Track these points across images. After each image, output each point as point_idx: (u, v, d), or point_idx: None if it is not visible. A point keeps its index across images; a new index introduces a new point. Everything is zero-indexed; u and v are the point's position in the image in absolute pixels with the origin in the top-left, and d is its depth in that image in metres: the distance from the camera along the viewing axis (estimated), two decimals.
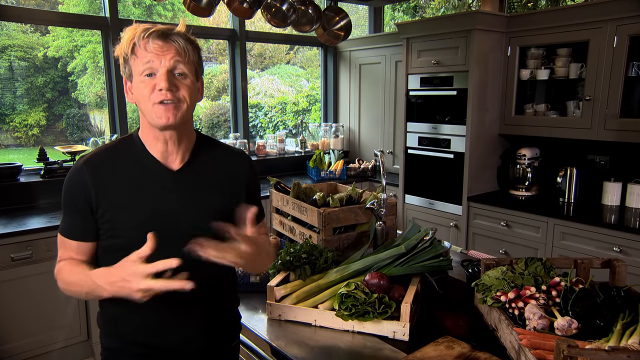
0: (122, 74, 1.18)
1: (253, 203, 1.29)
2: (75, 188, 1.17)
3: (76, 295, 1.19)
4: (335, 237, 1.84)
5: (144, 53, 1.11)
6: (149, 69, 1.11)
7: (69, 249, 1.21)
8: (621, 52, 2.79)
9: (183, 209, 1.19)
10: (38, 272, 2.68)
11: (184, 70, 1.13)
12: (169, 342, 1.22)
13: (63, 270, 1.19)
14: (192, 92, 1.16)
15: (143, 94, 1.12)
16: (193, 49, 1.16)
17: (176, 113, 1.13)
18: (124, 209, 1.15)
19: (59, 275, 1.20)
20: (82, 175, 1.16)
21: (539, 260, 1.46)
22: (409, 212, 3.89)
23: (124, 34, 1.14)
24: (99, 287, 1.09)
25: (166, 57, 1.11)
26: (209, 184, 1.24)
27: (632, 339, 1.11)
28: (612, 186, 3.09)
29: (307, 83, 7.51)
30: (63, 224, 1.22)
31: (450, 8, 7.59)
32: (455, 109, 3.42)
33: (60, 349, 2.83)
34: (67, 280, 1.17)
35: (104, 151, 1.21)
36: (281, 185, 2.22)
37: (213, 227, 1.13)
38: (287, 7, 3.62)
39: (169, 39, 1.12)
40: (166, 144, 1.19)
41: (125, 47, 1.12)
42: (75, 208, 1.18)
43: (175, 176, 1.20)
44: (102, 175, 1.16)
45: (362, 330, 1.42)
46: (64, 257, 1.22)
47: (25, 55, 6.24)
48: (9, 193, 3.10)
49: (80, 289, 1.16)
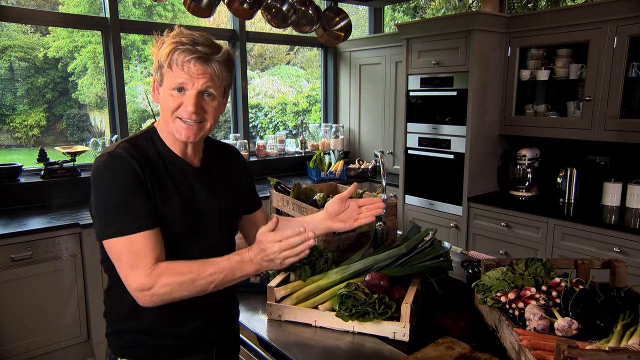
0: (153, 74, 1.18)
1: (252, 189, 1.46)
2: (132, 175, 1.09)
3: (190, 291, 1.08)
4: (335, 238, 1.84)
5: (179, 72, 1.11)
6: (180, 85, 1.12)
7: (149, 248, 1.08)
8: (621, 52, 2.79)
9: (212, 201, 1.24)
10: (38, 273, 2.69)
11: (213, 93, 1.15)
12: (185, 330, 1.24)
13: (167, 271, 1.07)
14: (217, 112, 1.19)
15: (169, 106, 1.14)
16: (227, 73, 1.17)
17: (197, 133, 1.16)
18: (167, 203, 1.14)
19: (161, 278, 1.07)
20: (132, 164, 1.10)
21: (539, 261, 1.46)
22: (409, 213, 3.89)
23: (166, 42, 1.12)
24: (246, 264, 1.09)
25: (200, 82, 1.12)
26: (223, 179, 1.31)
27: (633, 339, 1.11)
28: (612, 187, 3.09)
29: (307, 83, 7.51)
30: (121, 224, 1.07)
31: (451, 9, 7.59)
32: (455, 110, 3.42)
33: (61, 349, 2.83)
34: (186, 277, 1.07)
35: (132, 145, 1.15)
36: (281, 185, 2.22)
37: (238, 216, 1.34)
38: (287, 8, 3.62)
39: (207, 64, 1.12)
40: (185, 147, 1.22)
41: (162, 57, 1.12)
42: (139, 194, 1.09)
43: (197, 173, 1.24)
44: (143, 165, 1.12)
45: (363, 330, 1.42)
46: (150, 259, 1.07)
47: (26, 56, 6.24)
48: (9, 193, 3.10)
49: (210, 278, 1.08)
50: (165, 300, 1.09)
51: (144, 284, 1.06)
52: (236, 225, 1.39)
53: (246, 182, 1.41)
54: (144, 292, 1.07)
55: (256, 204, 1.48)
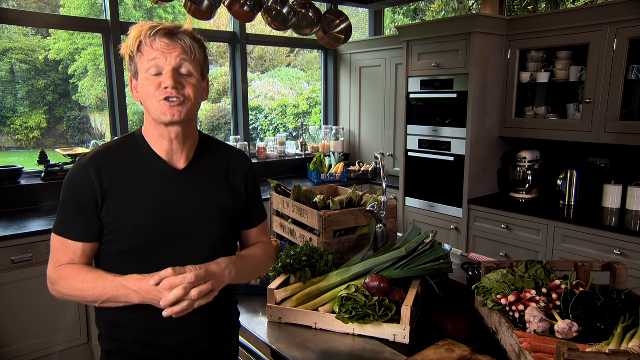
0: (128, 72, 1.18)
1: (254, 203, 1.36)
2: (80, 186, 1.14)
3: (84, 301, 1.14)
4: (335, 240, 1.84)
5: (150, 51, 1.11)
6: (155, 67, 1.11)
7: (70, 252, 1.16)
8: (621, 55, 2.79)
9: (188, 207, 1.20)
10: (39, 275, 2.68)
11: (189, 69, 1.14)
12: (172, 342, 1.22)
13: (68, 276, 1.14)
14: (197, 91, 1.16)
15: (148, 92, 1.13)
16: (199, 48, 1.16)
17: (181, 110, 1.13)
18: (129, 208, 1.15)
19: (60, 281, 1.15)
20: (87, 174, 1.14)
21: (539, 263, 1.46)
22: (409, 215, 3.89)
23: (130, 31, 1.14)
24: (131, 293, 1.09)
25: (172, 56, 1.11)
26: (213, 183, 1.26)
27: (633, 342, 1.11)
28: (612, 189, 3.09)
29: (308, 86, 7.52)
30: (62, 224, 1.17)
31: (451, 11, 7.61)
32: (455, 112, 3.42)
33: (61, 351, 2.83)
34: (78, 286, 1.12)
35: (108, 149, 1.19)
36: (281, 188, 2.22)
37: (217, 227, 1.23)
38: (287, 11, 3.63)
39: (175, 38, 1.12)
40: (171, 142, 1.19)
41: (131, 44, 1.13)
42: (80, 207, 1.14)
43: (180, 175, 1.21)
44: (107, 174, 1.15)
45: (363, 333, 1.42)
46: (64, 260, 1.17)
47: (27, 58, 6.25)
48: (9, 196, 3.10)
49: (97, 295, 1.11)
50: (72, 300, 1.18)
51: (50, 276, 1.18)
52: (229, 235, 1.30)
53: (244, 192, 1.32)
54: (51, 284, 1.18)
55: (253, 221, 1.38)
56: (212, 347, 1.29)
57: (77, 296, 1.14)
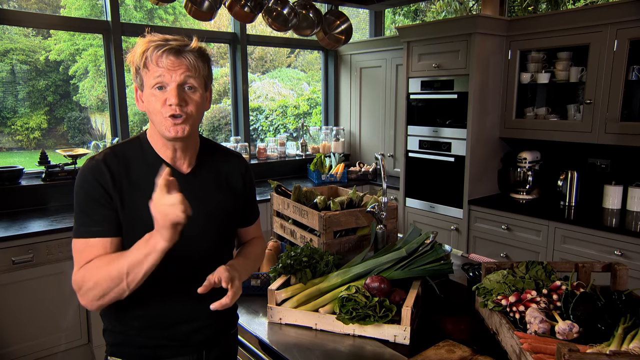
0: (134, 81, 1.21)
1: (250, 201, 1.44)
2: (99, 184, 1.14)
3: (111, 283, 1.07)
4: (336, 241, 1.84)
5: (155, 68, 1.14)
6: (160, 82, 1.14)
7: (94, 251, 1.13)
8: (621, 55, 2.79)
9: (194, 210, 1.20)
10: (39, 276, 2.69)
11: (193, 84, 1.17)
12: (179, 332, 1.26)
13: (89, 267, 1.10)
14: (200, 106, 1.20)
15: (154, 107, 1.16)
16: (203, 64, 1.19)
17: (185, 127, 1.17)
18: (139, 210, 1.16)
19: (85, 278, 1.10)
20: (101, 172, 1.15)
21: (539, 264, 1.46)
22: (409, 216, 3.88)
23: (137, 45, 1.16)
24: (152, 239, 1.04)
25: (177, 73, 1.14)
26: (215, 185, 1.31)
27: (633, 343, 1.11)
28: (613, 189, 3.09)
29: (308, 86, 7.53)
30: (83, 226, 1.14)
31: (451, 12, 7.61)
32: (455, 113, 3.42)
33: (61, 352, 2.83)
34: (102, 269, 1.08)
35: (116, 151, 1.21)
36: (282, 188, 2.22)
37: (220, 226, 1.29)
38: (288, 11, 3.64)
39: (181, 56, 1.15)
40: (175, 151, 1.24)
41: (137, 59, 1.15)
42: (97, 201, 1.14)
43: (185, 179, 1.25)
44: (118, 175, 1.17)
45: (363, 334, 1.42)
46: (88, 261, 1.13)
47: (27, 59, 6.25)
48: (10, 196, 3.11)
49: (121, 265, 1.07)
50: (102, 300, 1.09)
51: (75, 281, 1.12)
52: (229, 234, 1.38)
53: (242, 193, 1.38)
54: (77, 289, 1.11)
55: (251, 219, 1.48)
56: (214, 337, 1.34)
57: (103, 279, 1.08)
